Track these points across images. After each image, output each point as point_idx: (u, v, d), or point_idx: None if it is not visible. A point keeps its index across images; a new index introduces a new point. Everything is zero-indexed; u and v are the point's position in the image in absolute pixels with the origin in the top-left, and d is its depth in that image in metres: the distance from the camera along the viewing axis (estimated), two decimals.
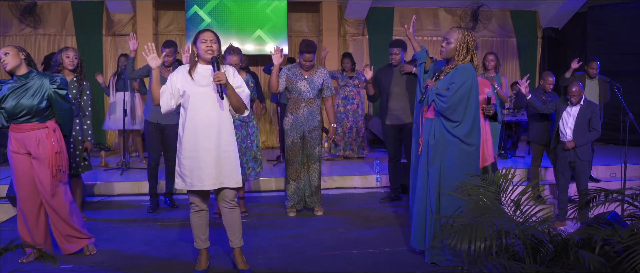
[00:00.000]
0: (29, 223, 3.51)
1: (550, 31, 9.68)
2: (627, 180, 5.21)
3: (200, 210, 3.26)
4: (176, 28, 8.70)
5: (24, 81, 3.39)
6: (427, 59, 3.60)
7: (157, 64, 3.17)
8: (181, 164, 3.15)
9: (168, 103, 3.14)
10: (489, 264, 2.15)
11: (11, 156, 3.46)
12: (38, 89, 3.38)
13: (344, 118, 7.13)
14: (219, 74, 2.99)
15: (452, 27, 3.45)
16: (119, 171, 6.17)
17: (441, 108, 3.25)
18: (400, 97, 4.86)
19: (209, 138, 3.08)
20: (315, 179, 4.68)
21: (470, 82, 3.23)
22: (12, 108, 3.34)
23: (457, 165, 3.25)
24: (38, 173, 3.44)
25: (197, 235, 3.29)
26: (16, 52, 3.38)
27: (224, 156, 3.13)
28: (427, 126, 3.41)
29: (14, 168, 3.47)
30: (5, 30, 8.10)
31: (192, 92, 3.08)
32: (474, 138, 3.29)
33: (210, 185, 3.13)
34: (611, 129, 6.68)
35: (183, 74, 3.13)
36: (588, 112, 4.81)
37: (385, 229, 4.30)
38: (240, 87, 3.17)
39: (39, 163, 3.42)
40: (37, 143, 3.40)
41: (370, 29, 9.09)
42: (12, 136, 3.44)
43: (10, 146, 3.44)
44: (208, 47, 3.06)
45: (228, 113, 3.18)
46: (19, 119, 3.39)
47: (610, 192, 2.77)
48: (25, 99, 3.34)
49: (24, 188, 3.47)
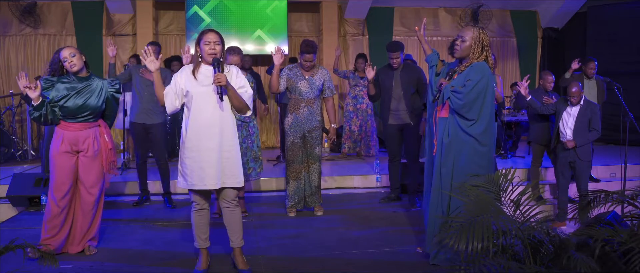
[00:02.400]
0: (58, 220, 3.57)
1: (550, 31, 9.68)
2: (627, 180, 5.21)
3: (201, 208, 3.26)
4: (176, 28, 8.70)
5: (88, 83, 3.56)
6: (438, 61, 3.58)
7: (156, 67, 3.20)
8: (183, 163, 3.16)
9: (173, 103, 3.16)
10: (488, 264, 2.15)
11: (59, 156, 3.54)
12: (100, 91, 3.59)
13: (353, 117, 7.15)
14: (219, 76, 3.00)
15: (467, 25, 3.42)
16: (119, 171, 6.17)
17: (457, 105, 3.19)
18: (400, 98, 4.87)
19: (211, 137, 3.09)
20: (315, 179, 4.69)
21: (487, 81, 3.18)
22: (76, 107, 3.49)
23: (469, 166, 3.20)
24: (86, 168, 3.58)
25: (197, 234, 3.29)
26: (80, 55, 3.55)
27: (226, 156, 3.14)
28: (440, 126, 3.35)
29: (59, 168, 3.54)
30: (5, 31, 8.10)
31: (195, 92, 3.10)
32: (488, 138, 3.23)
33: (212, 185, 3.13)
34: (611, 129, 6.68)
35: (187, 74, 3.15)
36: (588, 112, 4.81)
37: (385, 229, 4.30)
38: (243, 87, 3.18)
39: (88, 160, 3.58)
40: (93, 140, 3.58)
41: (370, 29, 9.09)
42: (64, 136, 3.53)
43: (62, 146, 3.53)
44: (211, 49, 3.08)
45: (230, 113, 3.19)
46: (77, 118, 3.53)
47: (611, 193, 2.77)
48: (92, 100, 3.54)
49: (65, 185, 3.56)
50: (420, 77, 4.89)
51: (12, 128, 7.38)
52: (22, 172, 5.54)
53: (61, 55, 3.51)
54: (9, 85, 8.10)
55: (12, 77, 7.99)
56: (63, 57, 3.50)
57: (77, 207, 3.68)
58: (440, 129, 3.35)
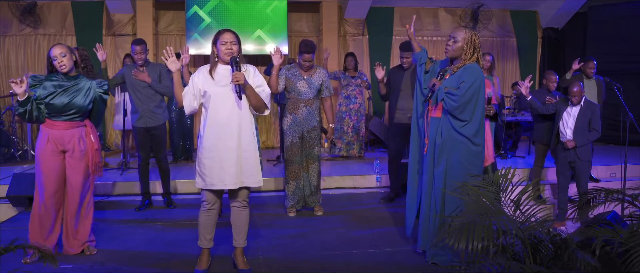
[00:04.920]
0: (46, 221, 3.56)
1: (550, 31, 9.68)
2: (627, 180, 5.21)
3: (211, 208, 3.25)
4: (176, 28, 8.69)
5: (76, 82, 3.52)
6: (426, 59, 3.61)
7: (177, 67, 3.22)
8: (202, 163, 3.15)
9: (191, 104, 3.17)
10: (488, 264, 2.15)
11: (44, 154, 3.51)
12: (88, 90, 3.55)
13: (346, 117, 7.15)
14: (237, 75, 3.01)
15: (459, 26, 3.45)
16: (119, 171, 6.17)
17: (451, 106, 3.24)
18: (409, 97, 4.89)
19: (230, 137, 3.10)
20: (315, 179, 4.69)
21: (480, 83, 3.24)
22: (62, 105, 3.45)
23: (463, 165, 3.25)
24: (73, 168, 3.55)
25: (203, 233, 3.29)
26: (70, 55, 3.51)
27: (244, 156, 3.14)
28: (433, 125, 3.39)
29: (44, 166, 3.51)
30: (5, 31, 8.10)
31: (213, 92, 3.10)
32: (480, 138, 3.29)
33: (232, 184, 3.13)
34: (611, 129, 6.68)
35: (204, 75, 3.16)
36: (588, 112, 4.81)
37: (385, 229, 4.30)
38: (261, 86, 3.19)
39: (74, 160, 3.55)
40: (78, 140, 3.54)
41: (370, 29, 9.08)
42: (49, 135, 3.50)
43: (47, 144, 3.50)
44: (228, 49, 3.09)
45: (248, 112, 3.19)
46: (62, 117, 3.49)
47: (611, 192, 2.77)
48: (79, 99, 3.50)
49: (51, 185, 3.53)
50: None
51: (12, 128, 7.37)
52: (22, 172, 5.53)
53: (51, 53, 3.48)
54: (8, 85, 8.07)
55: (12, 77, 7.97)
56: (53, 56, 3.47)
57: (66, 208, 3.65)
58: (432, 129, 3.40)
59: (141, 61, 4.71)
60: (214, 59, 3.15)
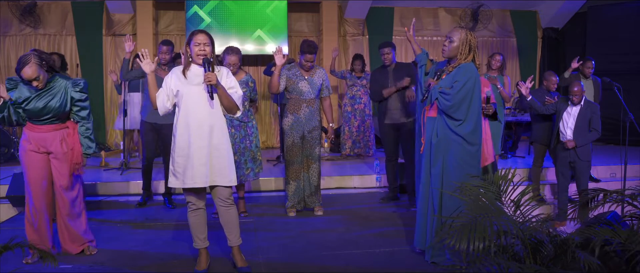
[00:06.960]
0: (38, 221, 3.55)
1: (550, 31, 9.68)
2: (627, 180, 5.21)
3: (197, 208, 3.27)
4: (176, 28, 8.70)
5: (51, 86, 3.46)
6: (427, 61, 3.62)
7: (151, 69, 3.26)
8: (175, 162, 3.18)
9: (164, 104, 3.20)
10: (488, 264, 2.15)
11: (27, 155, 3.50)
12: (63, 93, 3.47)
13: (351, 117, 7.17)
14: (209, 75, 3.03)
15: (455, 27, 3.47)
16: (119, 171, 6.17)
17: (445, 106, 3.26)
18: (396, 97, 4.89)
19: (200, 136, 3.12)
20: (315, 179, 4.69)
21: (473, 81, 3.26)
22: (38, 110, 3.41)
23: (459, 165, 3.27)
24: (58, 170, 3.53)
25: (195, 234, 3.30)
26: (36, 68, 3.30)
27: (215, 154, 3.16)
28: (429, 125, 3.41)
29: (29, 166, 3.50)
30: (5, 31, 8.10)
31: (185, 91, 3.13)
32: (476, 138, 3.30)
33: (201, 183, 3.15)
34: (610, 129, 6.68)
35: (177, 75, 3.19)
36: (588, 112, 4.81)
37: (385, 229, 4.30)
38: (233, 88, 3.21)
39: (59, 162, 3.52)
40: (60, 142, 3.50)
41: (370, 29, 9.09)
42: (31, 136, 3.48)
43: (29, 145, 3.48)
44: (200, 50, 3.11)
45: (220, 112, 3.22)
46: (42, 120, 3.46)
47: (610, 192, 2.77)
48: (53, 102, 3.43)
49: (38, 185, 3.52)
50: (412, 73, 4.89)
51: (12, 128, 7.37)
52: (22, 172, 5.53)
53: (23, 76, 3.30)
54: None
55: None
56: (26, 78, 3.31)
57: (57, 210, 3.64)
58: (428, 129, 3.42)
59: (165, 60, 4.81)
60: (188, 59, 3.18)
